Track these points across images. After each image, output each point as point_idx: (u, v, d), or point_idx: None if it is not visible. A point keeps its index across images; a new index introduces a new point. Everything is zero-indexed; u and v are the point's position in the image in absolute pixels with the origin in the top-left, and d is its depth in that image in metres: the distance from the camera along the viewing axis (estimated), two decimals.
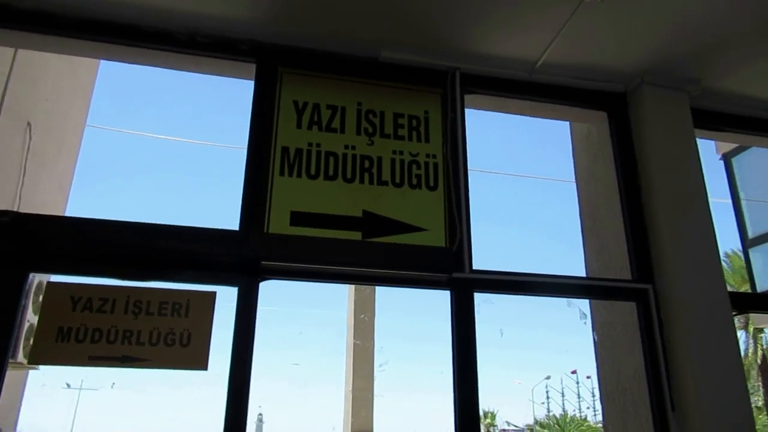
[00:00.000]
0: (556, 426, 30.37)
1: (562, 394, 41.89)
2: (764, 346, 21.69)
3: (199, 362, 2.84)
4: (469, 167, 3.49)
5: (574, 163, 4.44)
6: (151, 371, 2.85)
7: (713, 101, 4.00)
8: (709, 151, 7.45)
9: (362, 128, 3.44)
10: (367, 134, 3.43)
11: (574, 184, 4.39)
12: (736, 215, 7.92)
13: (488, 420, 28.23)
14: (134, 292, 2.88)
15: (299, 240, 3.09)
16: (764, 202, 7.78)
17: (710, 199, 3.63)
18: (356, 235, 3.18)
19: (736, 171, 7.90)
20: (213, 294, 2.96)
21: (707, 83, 3.83)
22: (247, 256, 3.04)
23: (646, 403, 3.33)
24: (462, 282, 3.22)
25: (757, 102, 4.06)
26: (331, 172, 3.30)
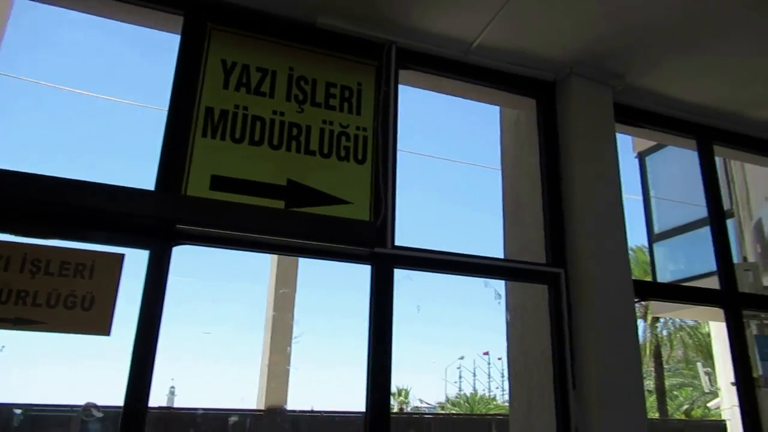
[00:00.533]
0: (466, 404, 31.53)
1: (474, 374, 43.31)
2: (659, 335, 23.40)
3: (101, 327, 2.68)
4: (399, 147, 3.47)
5: (501, 149, 4.51)
6: (49, 336, 2.66)
7: (634, 97, 4.17)
8: (626, 148, 7.84)
9: (292, 95, 3.33)
10: (297, 101, 3.33)
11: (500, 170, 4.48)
12: (645, 211, 8.42)
13: (401, 397, 28.85)
14: (32, 250, 2.67)
15: (218, 205, 2.97)
16: (671, 201, 8.30)
17: (624, 194, 3.81)
18: (279, 204, 3.09)
19: (648, 169, 8.38)
20: (121, 256, 2.79)
21: (630, 79, 3.97)
22: (161, 217, 2.88)
23: (550, 382, 3.47)
24: (383, 257, 3.21)
25: (674, 101, 4.26)
26: (256, 138, 3.18)
